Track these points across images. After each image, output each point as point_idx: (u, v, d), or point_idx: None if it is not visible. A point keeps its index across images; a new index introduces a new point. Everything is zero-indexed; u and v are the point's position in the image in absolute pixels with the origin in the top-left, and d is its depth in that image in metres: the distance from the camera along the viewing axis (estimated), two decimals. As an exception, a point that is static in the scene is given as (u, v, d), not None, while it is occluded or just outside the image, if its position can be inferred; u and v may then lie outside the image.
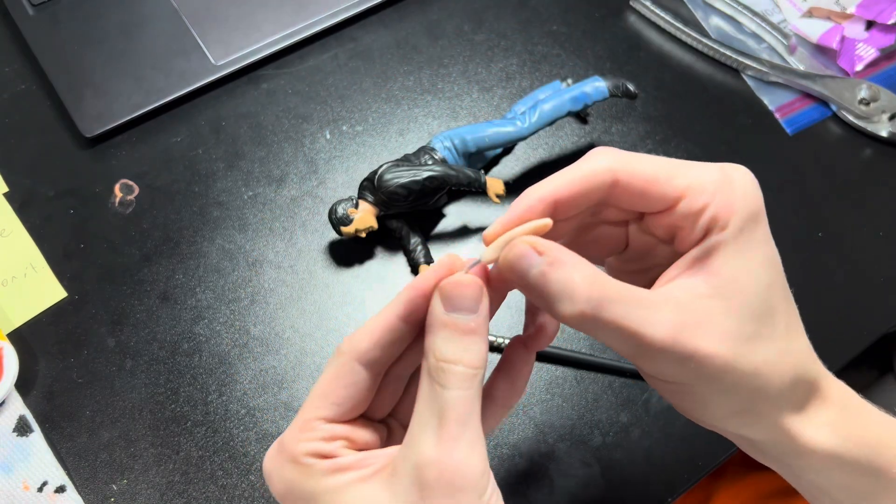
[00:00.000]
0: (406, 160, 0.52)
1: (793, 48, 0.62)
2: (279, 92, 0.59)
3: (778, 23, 0.64)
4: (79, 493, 0.47)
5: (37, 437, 0.48)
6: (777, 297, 0.30)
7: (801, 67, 0.62)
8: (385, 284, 0.53)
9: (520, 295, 0.31)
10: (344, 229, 0.51)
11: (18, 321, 0.51)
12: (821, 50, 0.63)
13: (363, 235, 0.51)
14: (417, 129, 0.59)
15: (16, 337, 0.51)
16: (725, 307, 0.28)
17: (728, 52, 0.61)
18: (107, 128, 0.56)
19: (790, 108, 0.61)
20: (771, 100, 0.61)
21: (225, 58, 0.59)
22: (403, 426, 0.33)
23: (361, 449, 0.30)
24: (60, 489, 0.47)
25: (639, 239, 0.34)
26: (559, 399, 0.51)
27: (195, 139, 0.57)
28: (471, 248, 0.55)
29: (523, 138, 0.54)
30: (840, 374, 0.34)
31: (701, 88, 0.61)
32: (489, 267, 0.31)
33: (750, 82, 0.62)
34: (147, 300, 0.52)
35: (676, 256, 0.31)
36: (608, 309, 0.27)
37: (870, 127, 0.60)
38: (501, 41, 0.62)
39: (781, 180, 0.58)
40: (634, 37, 0.63)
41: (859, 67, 0.61)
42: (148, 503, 0.47)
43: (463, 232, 0.55)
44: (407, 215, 0.53)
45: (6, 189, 0.55)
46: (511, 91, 0.60)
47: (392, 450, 0.30)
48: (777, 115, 0.61)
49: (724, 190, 0.29)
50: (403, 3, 0.63)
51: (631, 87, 0.54)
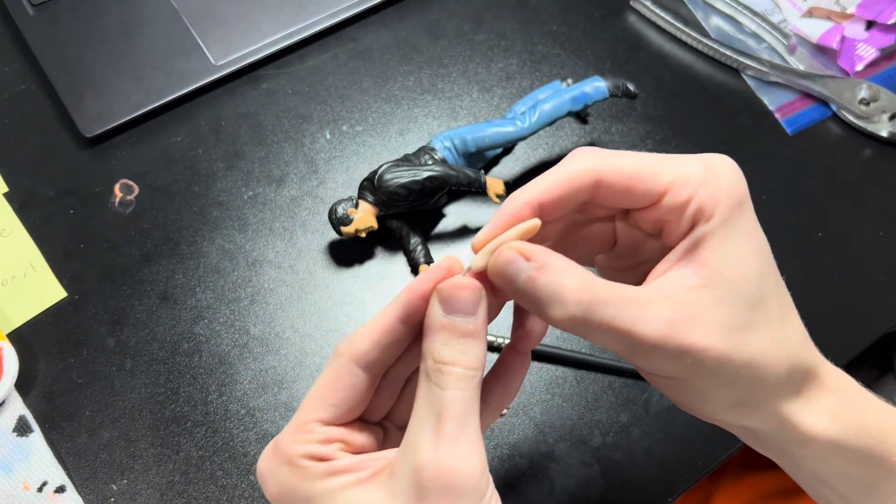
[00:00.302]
0: (406, 160, 0.52)
1: (793, 48, 0.62)
2: (279, 92, 0.59)
3: (778, 23, 0.64)
4: (79, 493, 0.47)
5: (37, 437, 0.48)
6: (768, 284, 0.30)
7: (801, 67, 0.62)
8: (385, 284, 0.53)
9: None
10: (344, 229, 0.51)
11: (18, 321, 0.51)
12: (821, 50, 0.63)
13: (363, 235, 0.51)
14: (417, 129, 0.59)
15: (16, 337, 0.51)
16: (717, 297, 0.28)
17: (728, 52, 0.61)
18: (107, 128, 0.56)
19: (790, 108, 0.61)
20: (771, 100, 0.61)
21: (225, 58, 0.59)
22: (400, 429, 0.33)
23: (357, 452, 0.30)
24: (60, 489, 0.47)
25: (627, 235, 0.33)
26: (559, 399, 0.51)
27: (195, 139, 0.57)
28: (471, 248, 0.55)
29: (523, 138, 0.54)
30: (840, 374, 0.34)
31: (701, 88, 0.61)
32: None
33: (750, 82, 0.62)
34: (147, 300, 0.52)
35: (666, 250, 0.31)
36: (599, 311, 0.27)
37: (870, 127, 0.60)
38: (501, 41, 0.62)
39: (781, 180, 0.58)
40: (634, 37, 0.63)
41: (859, 67, 0.61)
42: (148, 503, 0.47)
43: (463, 232, 0.55)
44: (407, 215, 0.53)
45: (6, 189, 0.55)
46: (511, 91, 0.60)
47: (389, 452, 0.29)
48: (777, 115, 0.61)
49: (708, 181, 0.29)
50: (403, 3, 0.63)
51: (631, 87, 0.54)
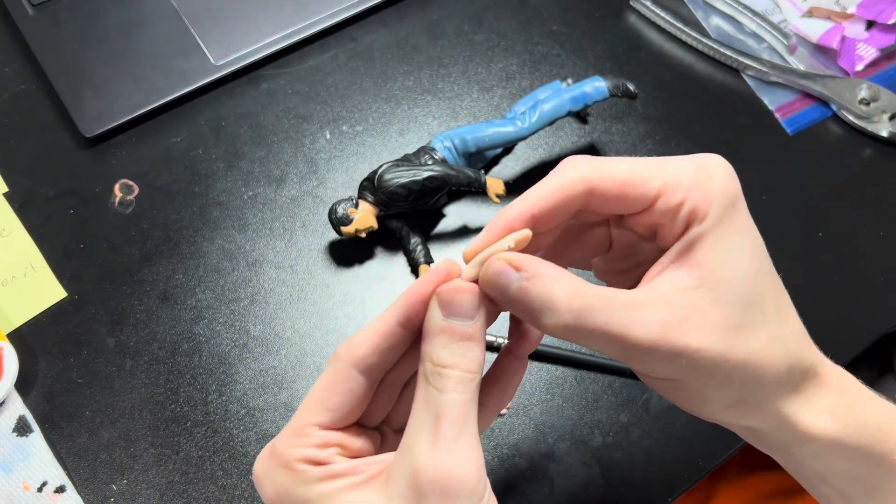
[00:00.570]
0: (406, 160, 0.52)
1: (793, 48, 0.62)
2: (279, 92, 0.59)
3: (778, 23, 0.64)
4: (79, 494, 0.47)
5: (37, 437, 0.48)
6: (764, 283, 0.30)
7: (802, 67, 0.62)
8: (385, 284, 0.53)
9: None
10: (344, 229, 0.51)
11: (18, 321, 0.51)
12: (821, 50, 0.63)
13: (363, 235, 0.51)
14: (417, 129, 0.59)
15: (16, 337, 0.51)
16: (712, 298, 0.28)
17: (728, 52, 0.61)
18: (107, 128, 0.56)
19: (790, 108, 0.61)
20: (771, 100, 0.61)
21: (225, 58, 0.59)
22: (397, 433, 0.33)
23: (354, 456, 0.30)
24: (60, 489, 0.47)
25: (622, 238, 0.33)
26: (559, 399, 0.51)
27: (195, 139, 0.57)
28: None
29: (523, 138, 0.54)
30: (840, 374, 0.34)
31: (701, 88, 0.61)
32: None
33: (750, 82, 0.62)
34: (147, 300, 0.52)
35: (661, 252, 0.30)
36: (591, 317, 0.27)
37: (870, 127, 0.60)
38: (501, 41, 0.62)
39: (781, 180, 0.58)
40: (634, 37, 0.63)
41: (859, 67, 0.61)
42: (148, 503, 0.47)
43: (463, 232, 0.55)
44: (407, 215, 0.53)
45: (6, 189, 0.55)
46: (511, 91, 0.60)
47: (386, 456, 0.29)
48: (777, 115, 0.61)
49: (700, 182, 0.29)
50: (403, 3, 0.63)
51: (631, 87, 0.54)
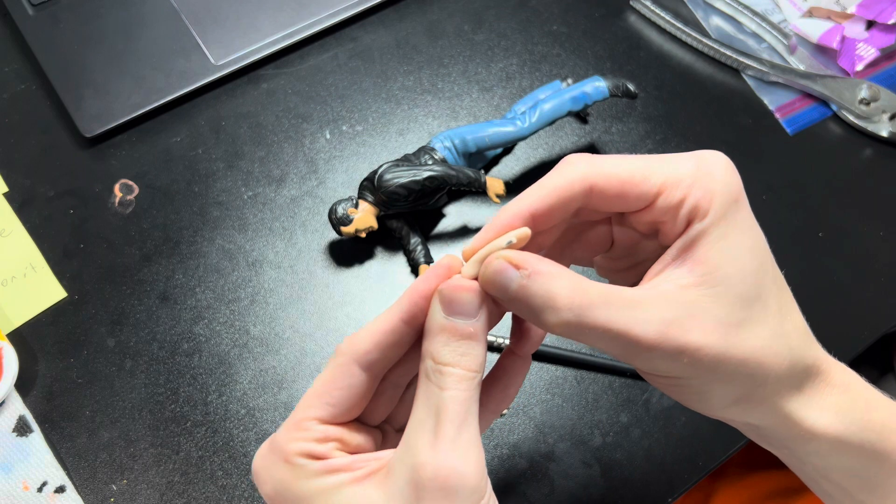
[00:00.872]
0: (406, 160, 0.52)
1: (793, 48, 0.62)
2: (279, 92, 0.59)
3: (778, 23, 0.64)
4: (78, 494, 0.47)
5: (36, 437, 0.48)
6: (766, 280, 0.29)
7: (802, 67, 0.62)
8: (385, 284, 0.53)
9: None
10: (344, 229, 0.51)
11: (18, 321, 0.51)
12: (821, 50, 0.63)
13: (363, 235, 0.51)
14: (417, 129, 0.59)
15: (16, 337, 0.51)
16: (713, 295, 0.28)
17: (728, 52, 0.61)
18: (107, 128, 0.56)
19: (790, 108, 0.61)
20: (771, 100, 0.61)
21: (225, 58, 0.59)
22: (399, 432, 0.33)
23: (354, 452, 0.30)
24: (60, 489, 0.47)
25: (623, 236, 0.33)
26: (559, 399, 0.51)
27: (195, 139, 0.57)
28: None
29: (523, 138, 0.54)
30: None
31: (701, 88, 0.61)
32: None
33: (750, 82, 0.62)
34: (147, 300, 0.52)
35: (662, 250, 0.30)
36: (592, 314, 0.27)
37: (870, 127, 0.60)
38: (501, 41, 0.62)
39: (781, 180, 0.58)
40: (634, 37, 0.63)
41: (859, 67, 0.61)
42: (148, 503, 0.47)
43: (463, 232, 0.55)
44: (407, 215, 0.53)
45: (6, 189, 0.55)
46: (511, 91, 0.60)
47: (386, 453, 0.29)
48: (777, 115, 0.61)
49: (701, 179, 0.29)
50: (403, 3, 0.63)
51: (631, 87, 0.54)
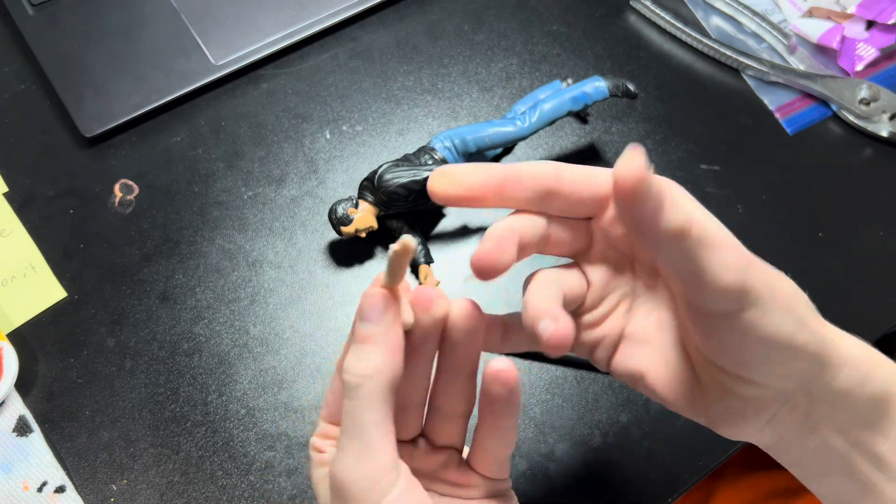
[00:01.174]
0: (406, 160, 0.52)
1: (793, 48, 0.62)
2: (279, 92, 0.59)
3: (778, 22, 0.64)
4: (78, 494, 0.47)
5: (36, 437, 0.48)
6: None
7: (802, 67, 0.62)
8: (385, 284, 0.53)
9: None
10: (344, 229, 0.51)
11: (18, 321, 0.51)
12: (821, 50, 0.63)
13: (363, 235, 0.51)
14: (417, 129, 0.59)
15: (16, 337, 0.51)
16: None
17: (728, 52, 0.61)
18: (107, 128, 0.56)
19: (790, 108, 0.61)
20: (771, 100, 0.61)
21: (225, 58, 0.59)
22: (436, 450, 0.35)
23: None
24: (60, 489, 0.47)
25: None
26: (559, 399, 0.51)
27: (195, 139, 0.57)
28: (471, 248, 0.55)
29: (523, 138, 0.54)
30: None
31: (701, 88, 0.61)
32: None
33: (750, 82, 0.62)
34: (147, 300, 0.52)
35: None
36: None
37: (870, 127, 0.60)
38: (501, 41, 0.62)
39: (781, 180, 0.58)
40: (634, 37, 0.63)
41: (859, 67, 0.61)
42: (148, 503, 0.47)
43: (463, 232, 0.55)
44: (407, 215, 0.53)
45: (6, 189, 0.55)
46: (511, 91, 0.60)
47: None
48: (777, 115, 0.61)
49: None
50: (403, 3, 0.63)
51: (631, 87, 0.54)
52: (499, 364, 0.30)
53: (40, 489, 0.47)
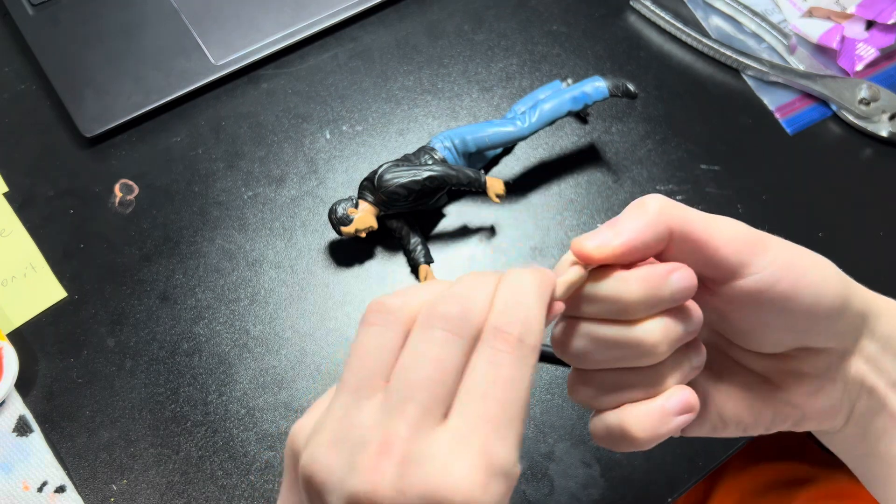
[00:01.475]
0: (406, 160, 0.52)
1: (793, 48, 0.62)
2: (279, 92, 0.59)
3: (778, 23, 0.64)
4: (79, 494, 0.47)
5: (37, 437, 0.48)
6: None
7: (801, 67, 0.62)
8: (385, 284, 0.53)
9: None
10: (344, 229, 0.51)
11: (18, 321, 0.51)
12: (821, 50, 0.63)
13: (363, 235, 0.51)
14: (417, 129, 0.59)
15: (16, 337, 0.51)
16: None
17: (728, 52, 0.61)
18: (107, 128, 0.56)
19: (790, 108, 0.61)
20: (771, 100, 0.61)
21: (225, 58, 0.59)
22: None
23: None
24: (60, 489, 0.47)
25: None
26: (559, 399, 0.51)
27: (195, 139, 0.57)
28: (471, 248, 0.55)
29: (523, 138, 0.54)
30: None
31: (701, 88, 0.61)
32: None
33: (750, 82, 0.62)
34: (147, 300, 0.52)
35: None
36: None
37: (870, 127, 0.60)
38: (501, 41, 0.62)
39: (781, 180, 0.58)
40: (634, 37, 0.63)
41: (859, 67, 0.61)
42: (148, 503, 0.47)
43: (463, 232, 0.55)
44: (407, 215, 0.53)
45: (6, 189, 0.55)
46: (511, 91, 0.60)
47: None
48: (777, 115, 0.61)
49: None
50: (403, 3, 0.63)
51: (631, 87, 0.54)
52: None
53: (40, 489, 0.47)
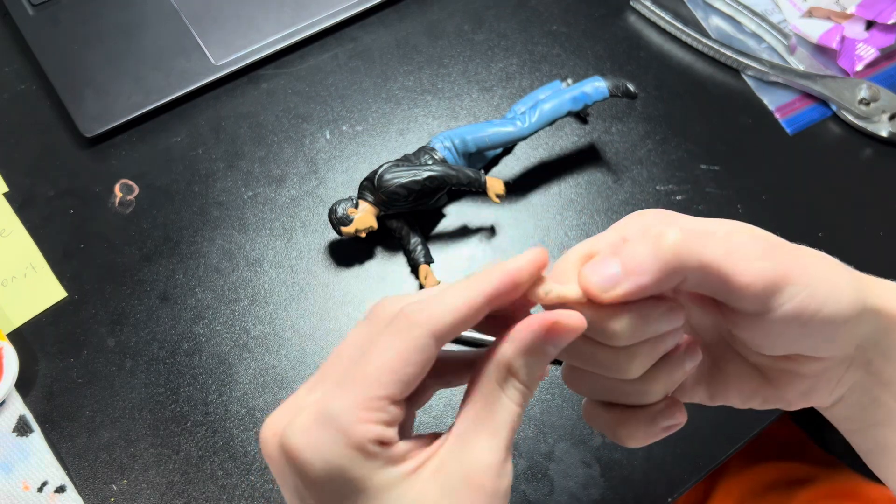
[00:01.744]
0: (406, 160, 0.52)
1: (793, 48, 0.62)
2: (279, 92, 0.59)
3: (778, 23, 0.64)
4: (79, 493, 0.47)
5: (37, 437, 0.48)
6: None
7: (801, 67, 0.62)
8: (385, 284, 0.53)
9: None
10: (344, 229, 0.51)
11: (18, 321, 0.51)
12: (821, 50, 0.63)
13: (363, 235, 0.51)
14: (417, 129, 0.59)
15: (16, 337, 0.51)
16: None
17: (728, 52, 0.61)
18: (107, 128, 0.56)
19: (790, 108, 0.61)
20: (771, 100, 0.61)
21: (225, 58, 0.59)
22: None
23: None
24: (60, 489, 0.47)
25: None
26: (559, 399, 0.51)
27: (195, 139, 0.57)
28: (471, 248, 0.55)
29: (523, 138, 0.54)
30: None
31: (701, 88, 0.61)
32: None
33: (750, 82, 0.62)
34: (147, 300, 0.52)
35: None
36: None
37: (870, 127, 0.60)
38: (501, 41, 0.62)
39: (781, 180, 0.58)
40: (634, 37, 0.63)
41: (859, 67, 0.61)
42: (148, 503, 0.47)
43: (463, 232, 0.55)
44: (407, 215, 0.53)
45: (6, 189, 0.55)
46: (511, 91, 0.60)
47: (422, 438, 0.29)
48: (777, 115, 0.61)
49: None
50: (403, 3, 0.63)
51: (631, 87, 0.54)
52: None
53: (40, 489, 0.47)
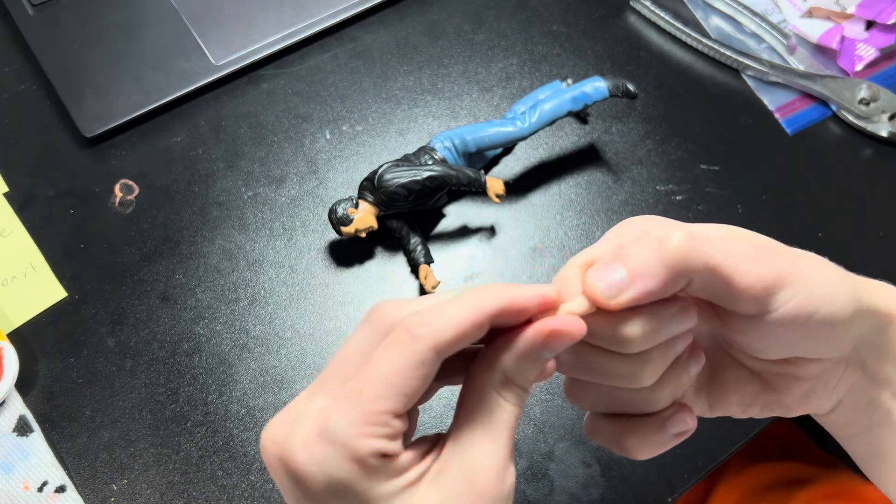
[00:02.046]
0: (406, 160, 0.52)
1: (793, 48, 0.62)
2: (279, 92, 0.59)
3: (778, 23, 0.64)
4: (79, 493, 0.47)
5: (37, 437, 0.48)
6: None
7: (801, 67, 0.62)
8: (385, 284, 0.53)
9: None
10: (344, 229, 0.51)
11: (18, 321, 0.51)
12: (821, 50, 0.63)
13: (363, 235, 0.51)
14: (417, 129, 0.59)
15: (16, 337, 0.51)
16: None
17: (728, 52, 0.61)
18: (107, 128, 0.56)
19: (790, 108, 0.61)
20: (771, 100, 0.61)
21: (225, 58, 0.59)
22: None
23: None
24: (60, 489, 0.47)
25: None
26: (559, 399, 0.51)
27: (195, 139, 0.57)
28: (471, 248, 0.55)
29: (523, 138, 0.54)
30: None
31: (701, 88, 0.61)
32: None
33: (750, 82, 0.62)
34: (147, 300, 0.52)
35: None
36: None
37: (870, 127, 0.60)
38: (501, 41, 0.62)
39: (781, 180, 0.58)
40: (634, 37, 0.63)
41: (859, 67, 0.61)
42: (148, 503, 0.47)
43: (463, 232, 0.55)
44: (407, 215, 0.53)
45: (6, 189, 0.55)
46: (511, 91, 0.60)
47: (425, 443, 0.29)
48: (777, 115, 0.61)
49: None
50: (403, 3, 0.63)
51: (631, 87, 0.54)
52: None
53: (41, 489, 0.47)
